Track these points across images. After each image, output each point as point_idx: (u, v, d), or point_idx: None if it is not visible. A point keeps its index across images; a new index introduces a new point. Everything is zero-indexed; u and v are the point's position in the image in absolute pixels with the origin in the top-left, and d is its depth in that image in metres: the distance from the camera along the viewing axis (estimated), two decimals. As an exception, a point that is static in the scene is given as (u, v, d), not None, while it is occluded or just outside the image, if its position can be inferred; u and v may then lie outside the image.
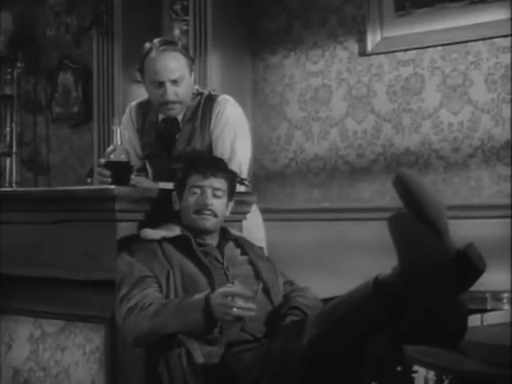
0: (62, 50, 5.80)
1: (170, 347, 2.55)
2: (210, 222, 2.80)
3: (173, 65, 3.21)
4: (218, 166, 2.87)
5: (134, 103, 3.47)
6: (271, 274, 2.83)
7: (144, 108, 3.40)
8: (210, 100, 3.32)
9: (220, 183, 2.82)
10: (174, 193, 2.88)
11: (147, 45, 3.27)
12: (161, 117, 3.34)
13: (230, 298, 2.47)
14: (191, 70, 3.28)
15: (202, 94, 3.34)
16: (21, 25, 5.85)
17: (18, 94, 5.90)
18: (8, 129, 5.86)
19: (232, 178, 2.91)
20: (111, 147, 3.01)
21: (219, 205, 2.81)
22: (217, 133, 3.27)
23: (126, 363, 2.83)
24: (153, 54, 3.22)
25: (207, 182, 2.80)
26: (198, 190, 2.80)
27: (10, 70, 5.83)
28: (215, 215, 2.80)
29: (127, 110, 3.46)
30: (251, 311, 2.48)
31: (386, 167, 4.48)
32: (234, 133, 3.27)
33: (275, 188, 4.89)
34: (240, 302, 2.46)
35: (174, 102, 3.24)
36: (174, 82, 3.21)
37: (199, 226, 2.79)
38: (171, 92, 3.21)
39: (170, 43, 3.29)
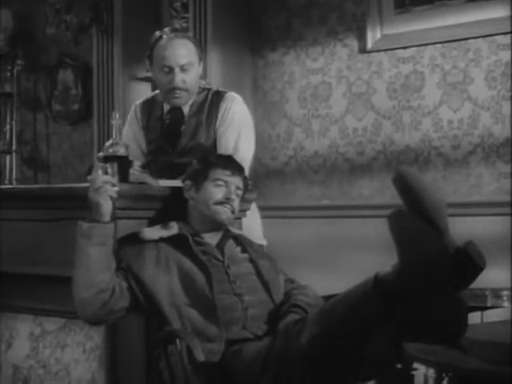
0: (61, 48, 5.80)
1: (171, 345, 2.55)
2: (226, 215, 2.83)
3: (182, 51, 3.24)
4: (240, 166, 2.93)
5: (138, 102, 3.49)
6: (272, 272, 2.84)
7: (148, 106, 3.41)
8: (218, 96, 3.34)
9: (241, 183, 2.88)
10: (187, 182, 2.89)
11: (157, 33, 3.32)
12: (166, 108, 3.35)
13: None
14: (200, 59, 3.31)
15: (209, 89, 3.37)
16: (21, 23, 5.84)
17: (18, 91, 5.89)
18: (8, 126, 5.85)
19: (246, 179, 2.96)
20: (110, 141, 3.00)
21: (237, 203, 2.87)
22: (222, 129, 3.29)
23: (126, 361, 2.83)
24: (163, 40, 3.26)
25: (233, 179, 2.85)
26: (222, 184, 2.83)
27: (9, 68, 5.83)
28: (233, 211, 2.84)
29: (132, 108, 3.47)
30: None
31: (385, 164, 4.48)
32: (238, 130, 3.29)
33: (275, 185, 4.89)
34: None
35: (181, 90, 3.25)
36: (183, 68, 3.23)
37: (215, 216, 2.82)
38: (179, 79, 3.23)
39: (180, 31, 3.36)
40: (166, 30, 3.32)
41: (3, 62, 5.85)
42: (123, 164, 2.96)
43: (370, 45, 4.53)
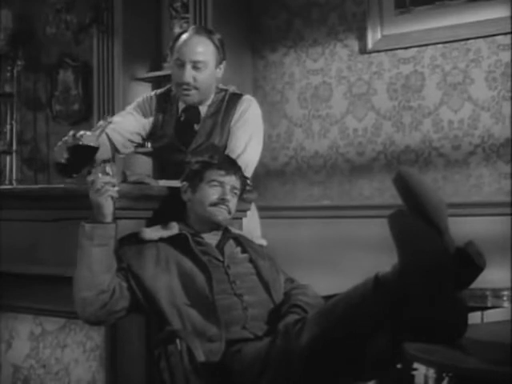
0: (62, 48, 5.80)
1: (171, 345, 2.55)
2: (222, 216, 2.82)
3: (199, 48, 3.24)
4: (236, 165, 2.92)
5: (153, 92, 3.45)
6: (272, 272, 2.84)
7: (165, 101, 3.38)
8: (235, 98, 3.35)
9: (237, 182, 2.87)
10: (184, 183, 2.89)
11: (183, 28, 3.34)
12: (181, 106, 3.33)
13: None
14: (219, 62, 3.29)
15: (226, 90, 3.36)
16: (21, 22, 5.84)
17: (18, 91, 5.89)
18: (8, 126, 5.85)
19: (244, 179, 2.95)
20: (82, 132, 2.94)
21: (234, 202, 2.85)
22: (235, 128, 3.30)
23: (126, 361, 2.83)
24: (184, 35, 3.27)
25: (228, 178, 2.84)
26: (217, 184, 2.83)
27: (10, 68, 5.83)
28: (229, 212, 2.84)
29: (148, 96, 3.43)
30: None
31: (386, 165, 4.48)
32: (251, 133, 3.30)
33: (275, 186, 4.89)
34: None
35: (189, 86, 3.23)
36: (195, 66, 3.22)
37: (212, 218, 2.81)
38: (189, 75, 3.22)
39: (206, 30, 3.35)
40: (193, 26, 3.36)
41: (3, 62, 5.84)
42: (88, 154, 2.86)
43: (370, 45, 4.53)
